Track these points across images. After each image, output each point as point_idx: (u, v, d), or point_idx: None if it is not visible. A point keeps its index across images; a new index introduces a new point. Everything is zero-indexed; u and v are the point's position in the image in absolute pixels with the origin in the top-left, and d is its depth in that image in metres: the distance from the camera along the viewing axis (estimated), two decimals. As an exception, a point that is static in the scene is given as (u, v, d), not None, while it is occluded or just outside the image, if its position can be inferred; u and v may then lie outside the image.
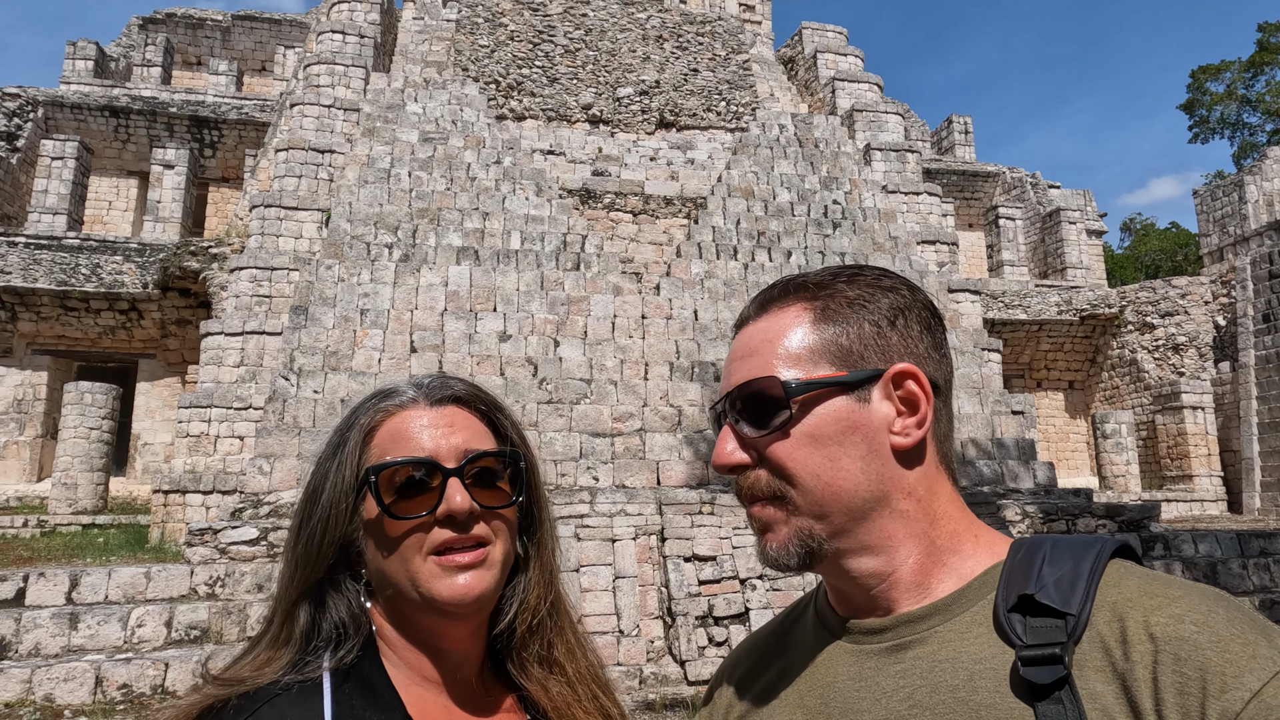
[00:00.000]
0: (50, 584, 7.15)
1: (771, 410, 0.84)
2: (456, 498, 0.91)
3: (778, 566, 0.86)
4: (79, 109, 20.17)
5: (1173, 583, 0.74)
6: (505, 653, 1.01)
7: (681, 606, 7.58)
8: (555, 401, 10.63)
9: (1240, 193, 19.90)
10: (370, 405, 0.98)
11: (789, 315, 0.88)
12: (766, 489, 0.85)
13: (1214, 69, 36.73)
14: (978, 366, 12.76)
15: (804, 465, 0.83)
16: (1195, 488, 17.50)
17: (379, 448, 0.94)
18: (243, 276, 12.66)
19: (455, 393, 1.00)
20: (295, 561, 0.94)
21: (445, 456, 0.93)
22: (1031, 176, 24.35)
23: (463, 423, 0.97)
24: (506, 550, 0.96)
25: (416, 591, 0.90)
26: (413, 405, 0.97)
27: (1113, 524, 9.64)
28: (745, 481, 0.86)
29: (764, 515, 0.85)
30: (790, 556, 0.84)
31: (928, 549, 0.85)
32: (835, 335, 0.86)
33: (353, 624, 0.92)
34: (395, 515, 0.90)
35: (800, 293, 0.90)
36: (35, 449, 16.31)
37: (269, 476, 9.29)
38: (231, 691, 0.84)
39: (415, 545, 0.90)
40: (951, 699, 0.76)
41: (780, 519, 0.84)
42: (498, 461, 0.97)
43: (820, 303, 0.88)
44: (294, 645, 0.90)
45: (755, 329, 0.90)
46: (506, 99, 16.27)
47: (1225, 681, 0.65)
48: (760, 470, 0.85)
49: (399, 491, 0.91)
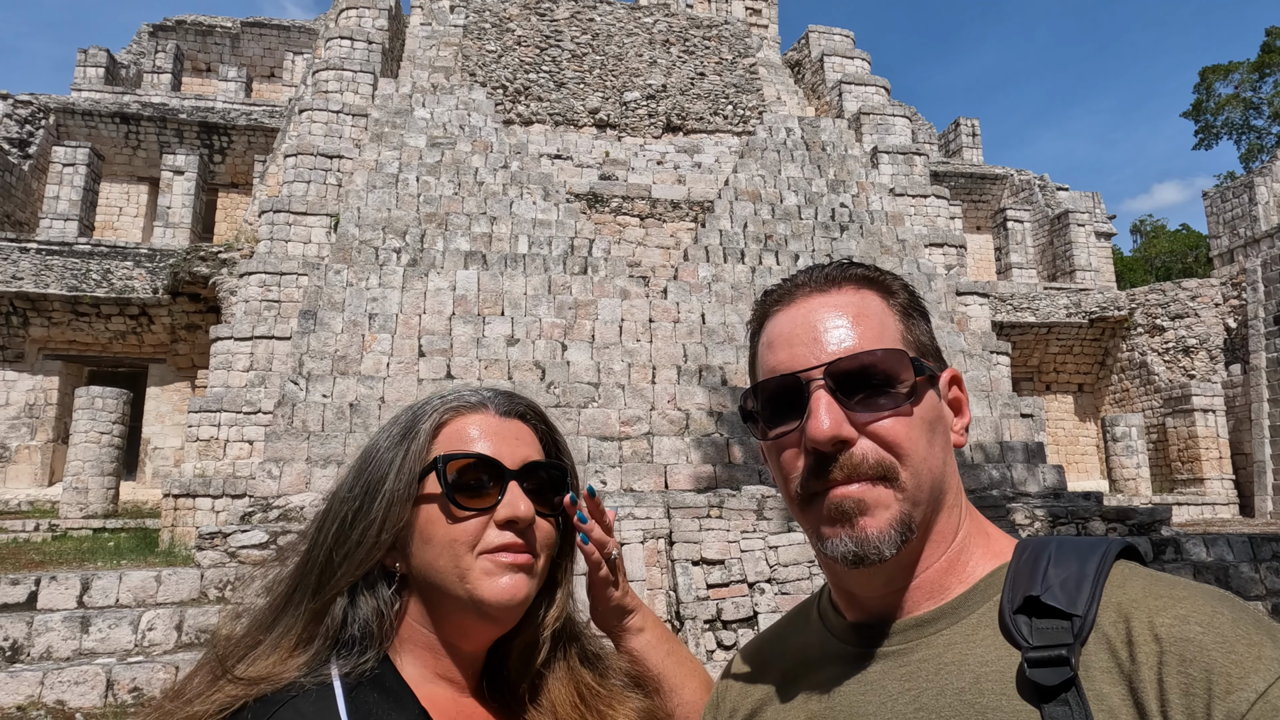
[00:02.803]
0: (62, 588, 7.19)
1: (892, 385, 0.80)
2: (520, 504, 0.93)
3: (867, 556, 0.79)
4: (90, 116, 20.32)
5: (1178, 584, 0.74)
6: (511, 663, 1.02)
7: (690, 610, 7.57)
8: (563, 405, 10.64)
9: (1250, 194, 19.78)
10: (442, 403, 1.01)
11: (872, 299, 0.86)
12: (875, 468, 0.79)
13: (1223, 69, 36.53)
14: (986, 369, 12.71)
15: (917, 446, 0.80)
16: (1206, 491, 17.37)
17: (446, 442, 0.96)
18: (252, 281, 12.72)
19: (520, 409, 1.03)
20: (346, 551, 0.92)
21: (510, 462, 0.95)
22: (1040, 179, 24.26)
23: (526, 437, 1.01)
24: (545, 564, 0.98)
25: (463, 587, 0.91)
26: (482, 410, 1.00)
27: (1123, 527, 9.58)
28: (849, 460, 0.79)
29: (868, 496, 0.79)
30: (891, 544, 0.79)
31: (956, 548, 0.85)
32: (920, 330, 0.86)
33: (376, 623, 0.92)
34: (458, 505, 0.92)
35: (865, 282, 0.87)
36: (46, 453, 16.41)
37: (278, 480, 9.32)
38: (249, 693, 0.84)
39: (468, 543, 0.91)
40: (958, 701, 0.76)
41: (886, 501, 0.79)
42: (552, 475, 1.00)
43: (896, 296, 0.87)
44: (318, 642, 0.90)
45: (836, 300, 0.85)
46: (514, 104, 16.32)
47: (1231, 682, 0.65)
48: (868, 445, 0.79)
49: (464, 486, 0.93)
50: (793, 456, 0.83)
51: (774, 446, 0.86)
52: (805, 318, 0.85)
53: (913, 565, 0.84)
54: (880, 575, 0.83)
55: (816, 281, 0.87)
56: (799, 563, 7.99)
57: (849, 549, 0.79)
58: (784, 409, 0.83)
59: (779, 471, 0.86)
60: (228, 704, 0.83)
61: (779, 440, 0.85)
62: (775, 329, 0.87)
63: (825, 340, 0.82)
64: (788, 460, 0.84)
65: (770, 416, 0.85)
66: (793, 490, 0.84)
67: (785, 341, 0.85)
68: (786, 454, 0.84)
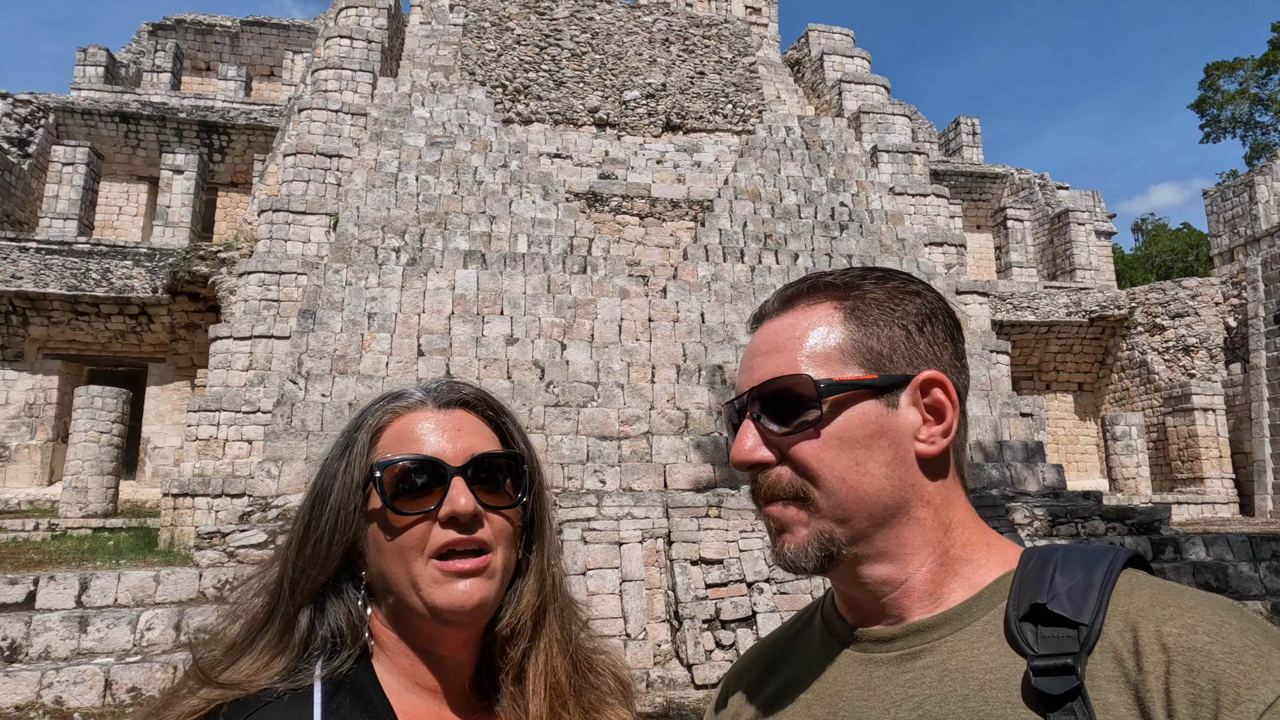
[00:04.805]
0: (60, 587, 7.19)
1: (799, 408, 0.82)
2: (460, 499, 0.91)
3: (793, 569, 0.83)
4: (90, 115, 20.31)
5: (1185, 593, 0.74)
6: (494, 657, 1.00)
7: (688, 610, 7.57)
8: (562, 405, 10.64)
9: (1251, 193, 19.78)
10: (378, 407, 0.99)
11: (817, 313, 0.86)
12: (788, 489, 0.83)
13: (1228, 65, 36.49)
14: (986, 369, 12.71)
15: (830, 467, 0.81)
16: (1206, 490, 17.37)
17: (386, 447, 0.94)
18: (251, 281, 12.71)
19: (462, 396, 1.00)
20: (302, 564, 0.93)
21: (451, 457, 0.93)
22: (1040, 178, 24.26)
23: (469, 426, 0.97)
24: (508, 558, 0.96)
25: (417, 596, 0.90)
26: (420, 407, 0.97)
27: (1122, 527, 9.57)
28: (766, 480, 0.84)
29: (784, 516, 0.83)
30: (808, 559, 0.82)
31: (941, 558, 0.84)
32: (865, 337, 0.85)
33: (350, 632, 0.92)
34: (398, 511, 0.90)
35: (828, 291, 0.88)
36: (46, 453, 16.41)
37: (277, 480, 9.32)
38: (225, 696, 0.84)
39: (417, 547, 0.90)
40: (961, 709, 0.75)
41: (800, 520, 0.82)
42: (503, 464, 0.97)
43: (850, 303, 0.86)
44: (291, 651, 0.90)
45: (781, 324, 0.88)
46: (513, 103, 16.30)
47: (1239, 693, 0.64)
48: (782, 469, 0.83)
49: (404, 490, 0.91)
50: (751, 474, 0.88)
51: None
52: (755, 344, 0.90)
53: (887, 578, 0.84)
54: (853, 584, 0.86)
55: (777, 302, 0.90)
56: (799, 562, 7.97)
57: (779, 560, 0.85)
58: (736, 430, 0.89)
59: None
60: (201, 707, 0.84)
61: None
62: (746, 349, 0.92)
63: (753, 366, 0.87)
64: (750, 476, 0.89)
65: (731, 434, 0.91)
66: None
67: (744, 364, 0.90)
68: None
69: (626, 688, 1.07)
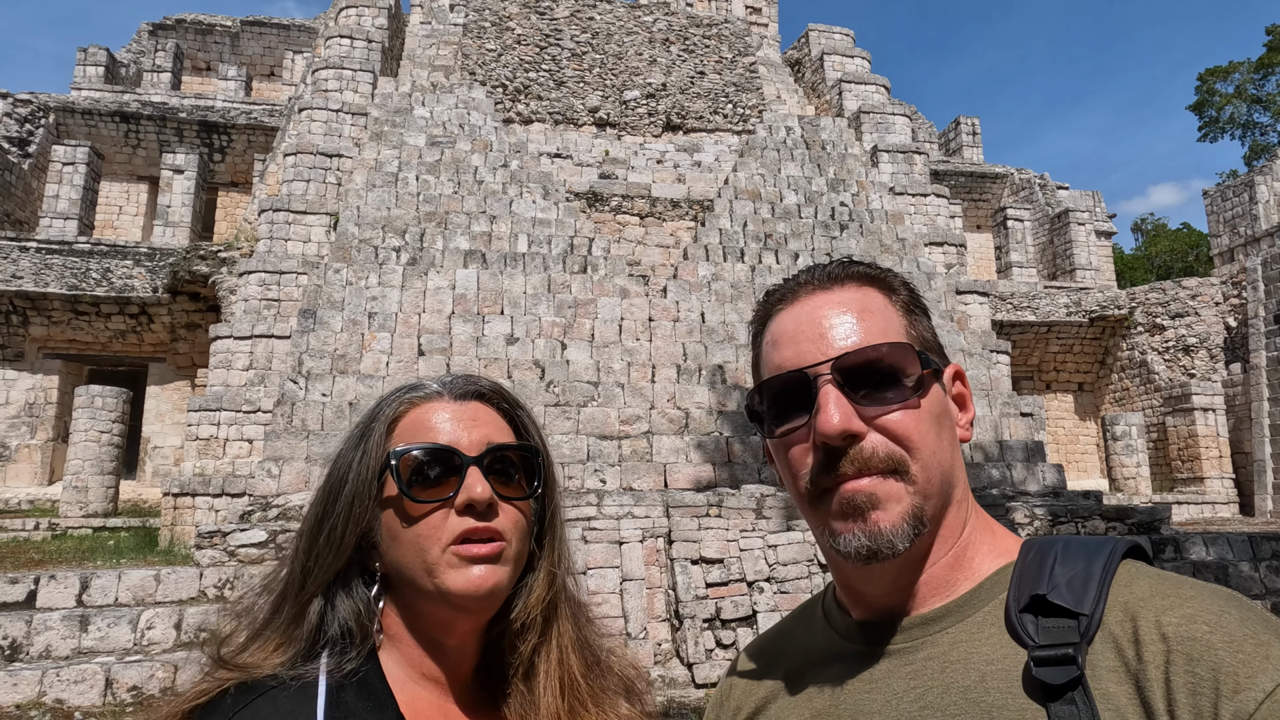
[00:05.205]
0: (61, 586, 7.19)
1: (898, 379, 0.80)
2: (477, 487, 0.91)
3: (880, 551, 0.78)
4: (90, 115, 20.31)
5: (1185, 583, 0.74)
6: (502, 652, 1.01)
7: (689, 609, 7.57)
8: (562, 404, 10.64)
9: (1251, 193, 19.78)
10: (395, 397, 1.00)
11: (874, 295, 0.86)
12: (885, 461, 0.78)
13: (1222, 70, 36.52)
14: (986, 368, 12.71)
15: (926, 439, 0.80)
16: (1206, 490, 17.38)
17: (402, 436, 0.95)
18: (251, 280, 12.71)
19: (479, 389, 1.01)
20: (316, 552, 0.94)
21: (467, 447, 0.94)
22: (1040, 178, 24.26)
23: (485, 418, 0.98)
24: (520, 549, 0.96)
25: (431, 582, 0.90)
26: (437, 398, 0.99)
27: (1122, 526, 9.58)
28: (860, 454, 0.78)
29: (880, 490, 0.78)
30: (904, 537, 0.78)
31: (962, 544, 0.85)
32: (923, 326, 0.87)
33: (359, 628, 0.92)
34: (415, 499, 0.91)
35: (866, 279, 0.88)
36: (46, 452, 16.41)
37: (277, 479, 9.32)
38: (234, 678, 0.86)
39: (433, 535, 0.91)
40: (963, 700, 0.75)
41: (898, 494, 0.79)
42: (517, 456, 0.98)
43: (898, 293, 0.88)
44: (300, 641, 0.91)
45: (839, 297, 0.85)
46: (513, 103, 16.31)
47: (1238, 682, 0.64)
48: (877, 439, 0.79)
49: (420, 479, 0.92)
50: (801, 453, 0.82)
51: (781, 444, 0.85)
52: (810, 315, 0.84)
53: (921, 561, 0.83)
54: (889, 571, 0.82)
55: (819, 280, 0.87)
56: (798, 561, 7.99)
57: (862, 544, 0.78)
58: (791, 406, 0.83)
59: (787, 469, 0.85)
60: (211, 688, 0.85)
61: (786, 437, 0.84)
62: (780, 327, 0.87)
63: (831, 336, 0.82)
64: (796, 457, 0.83)
65: (777, 414, 0.85)
66: (802, 487, 0.83)
67: (791, 339, 0.85)
68: (795, 450, 0.83)
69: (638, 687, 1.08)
